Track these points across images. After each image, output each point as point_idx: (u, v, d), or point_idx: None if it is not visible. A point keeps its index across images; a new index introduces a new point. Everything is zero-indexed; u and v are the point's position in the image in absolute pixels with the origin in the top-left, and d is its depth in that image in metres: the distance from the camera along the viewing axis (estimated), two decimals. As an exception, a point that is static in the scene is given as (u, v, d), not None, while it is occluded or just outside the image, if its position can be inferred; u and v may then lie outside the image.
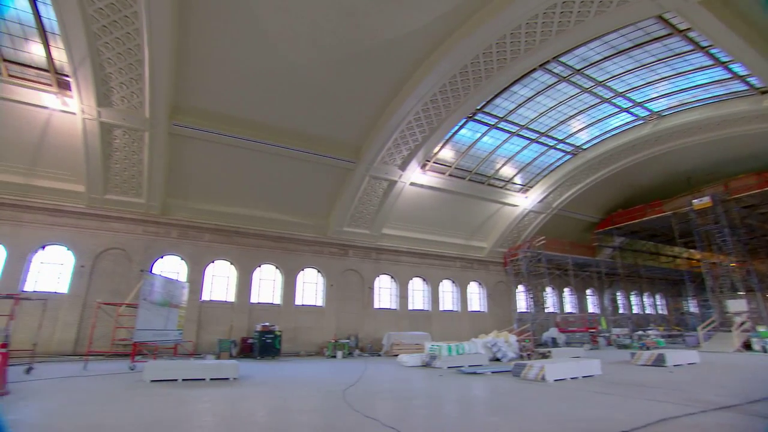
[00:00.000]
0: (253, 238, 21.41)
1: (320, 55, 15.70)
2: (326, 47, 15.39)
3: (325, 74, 16.51)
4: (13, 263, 16.91)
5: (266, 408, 8.14)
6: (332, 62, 16.01)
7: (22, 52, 14.88)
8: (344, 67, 16.25)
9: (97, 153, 16.60)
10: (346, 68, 16.33)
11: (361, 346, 22.18)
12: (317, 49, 15.43)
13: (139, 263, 18.56)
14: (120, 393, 9.21)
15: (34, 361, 12.66)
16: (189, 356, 17.07)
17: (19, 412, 7.19)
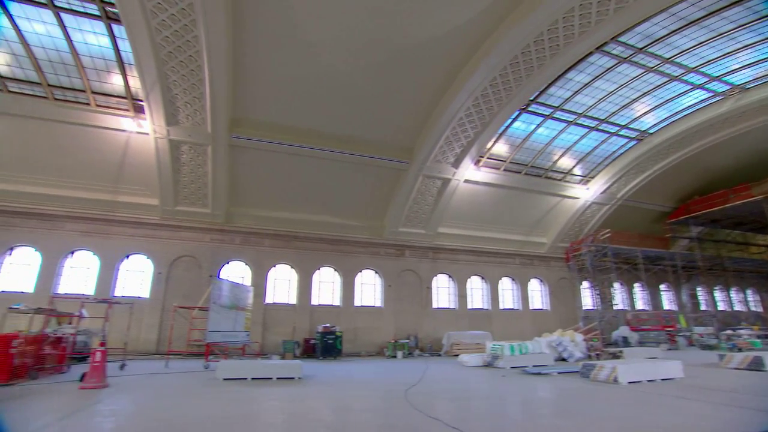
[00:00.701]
0: (310, 242, 22.15)
1: (365, 60, 15.92)
2: (370, 51, 15.58)
3: (372, 78, 16.72)
4: (105, 271, 18.89)
5: (330, 407, 8.38)
6: (378, 65, 16.17)
7: (106, 84, 16.54)
8: (390, 69, 16.35)
9: (168, 168, 18.01)
10: (392, 70, 16.42)
11: (421, 346, 22.15)
12: (361, 53, 15.66)
13: (208, 269, 19.90)
14: (198, 390, 9.92)
15: (125, 358, 14.05)
16: (256, 356, 17.98)
17: (118, 403, 8.03)
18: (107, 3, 13.63)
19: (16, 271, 18.35)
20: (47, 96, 16.43)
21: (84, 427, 6.42)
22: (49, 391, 9.28)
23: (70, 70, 15.91)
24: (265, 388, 10.29)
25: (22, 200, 18.19)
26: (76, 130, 17.26)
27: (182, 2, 12.70)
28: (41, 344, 11.69)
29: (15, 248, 18.54)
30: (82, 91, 16.50)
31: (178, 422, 6.67)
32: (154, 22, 13.17)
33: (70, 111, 16.82)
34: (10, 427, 5.51)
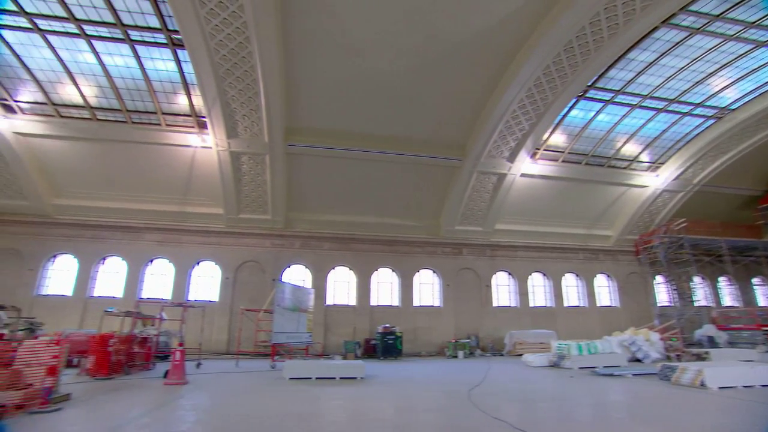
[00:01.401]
0: (368, 244, 22.48)
1: (411, 59, 15.90)
2: (416, 50, 15.53)
3: (420, 76, 16.65)
4: (179, 277, 20.49)
5: (393, 406, 8.45)
6: (425, 63, 16.08)
7: (174, 104, 17.92)
8: (438, 65, 16.20)
9: (230, 179, 19.10)
10: (440, 67, 16.27)
11: (482, 345, 21.70)
12: (407, 53, 15.66)
13: (271, 273, 20.84)
14: (266, 388, 10.43)
15: (200, 357, 15.09)
16: (319, 357, 18.56)
17: (197, 398, 8.66)
18: (172, 31, 14.77)
19: (108, 278, 20.47)
20: (126, 120, 18.10)
21: (171, 419, 6.99)
22: (140, 386, 10.20)
23: (144, 95, 17.41)
24: (329, 387, 10.59)
25: (110, 215, 20.25)
26: (150, 149, 18.87)
27: (237, 22, 13.44)
28: (131, 344, 12.91)
29: (106, 258, 20.66)
30: (153, 113, 18.00)
31: (254, 418, 7.04)
32: (212, 43, 14.06)
33: (145, 132, 18.40)
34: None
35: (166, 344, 16.26)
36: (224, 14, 13.21)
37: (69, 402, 7.84)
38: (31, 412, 6.90)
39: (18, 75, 16.77)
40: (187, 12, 12.99)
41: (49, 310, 18.62)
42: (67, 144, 18.71)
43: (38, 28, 15.02)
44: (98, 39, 15.36)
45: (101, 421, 6.80)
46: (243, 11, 13.09)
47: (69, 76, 16.60)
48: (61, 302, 19.52)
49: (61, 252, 20.40)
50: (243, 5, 12.90)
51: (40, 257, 20.01)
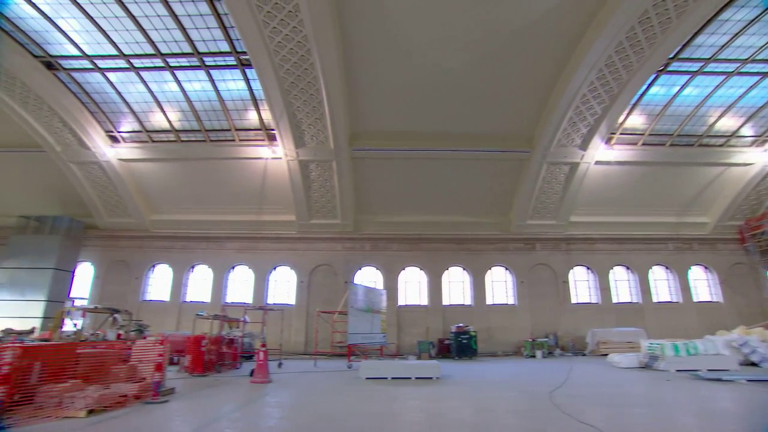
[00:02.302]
0: (437, 243, 22.30)
1: (470, 54, 15.54)
2: (474, 43, 15.15)
3: (480, 70, 16.22)
4: (258, 282, 21.89)
5: (471, 407, 8.29)
6: (485, 56, 15.64)
7: (245, 120, 19.22)
8: (498, 57, 15.67)
9: (300, 186, 19.99)
10: (500, 58, 15.73)
11: (562, 344, 20.54)
12: (465, 48, 15.32)
13: (343, 275, 21.48)
14: (345, 388, 10.73)
15: (281, 358, 15.93)
16: (393, 357, 18.73)
17: (281, 396, 9.16)
18: (240, 52, 15.87)
19: (197, 285, 22.46)
20: (205, 139, 19.72)
21: (259, 414, 7.46)
22: (230, 383, 11.02)
23: (219, 114, 18.86)
24: (405, 387, 10.65)
25: (197, 227, 22.21)
26: (227, 164, 20.37)
27: (297, 36, 14.07)
28: (220, 344, 13.99)
29: (195, 266, 22.68)
30: (228, 130, 19.42)
31: (336, 416, 7.27)
32: (277, 59, 14.85)
33: (222, 148, 19.91)
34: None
35: (250, 345, 17.38)
36: (285, 30, 13.89)
37: (173, 395, 8.69)
38: (146, 402, 7.76)
39: (120, 109, 19.05)
40: (252, 33, 13.86)
41: (152, 313, 20.81)
42: (158, 165, 20.83)
43: (133, 66, 16.96)
44: (179, 69, 16.96)
45: (201, 413, 7.44)
46: (303, 26, 13.67)
47: (158, 104, 18.50)
48: (160, 307, 21.78)
49: (158, 262, 22.77)
50: (302, 20, 13.48)
51: (143, 267, 22.49)
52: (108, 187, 21.21)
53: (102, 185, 21.19)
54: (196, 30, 15.41)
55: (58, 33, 16.01)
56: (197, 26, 15.26)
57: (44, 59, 17.07)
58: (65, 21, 15.59)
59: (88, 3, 14.77)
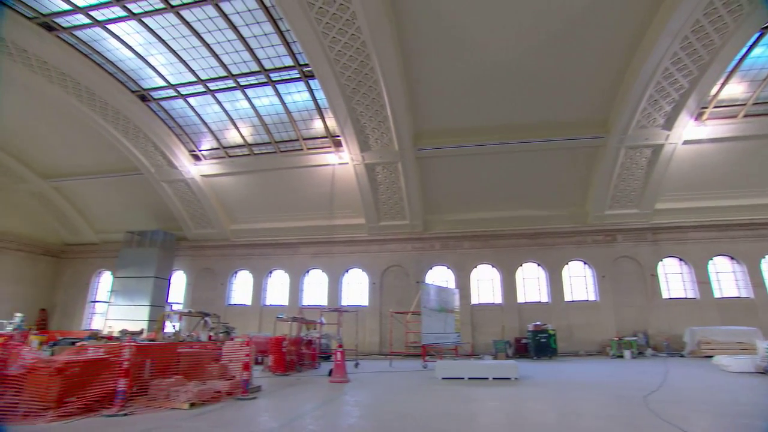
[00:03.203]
0: (509, 239, 21.55)
1: (532, 40, 14.82)
2: (536, 28, 14.43)
3: (545, 56, 15.39)
4: (332, 285, 22.70)
5: (554, 410, 7.88)
6: (549, 41, 14.81)
7: (311, 129, 20.06)
8: (563, 40, 14.76)
9: (368, 189, 20.39)
10: (566, 41, 14.80)
11: (654, 344, 18.78)
12: (527, 34, 14.65)
13: (414, 276, 21.51)
14: (422, 387, 10.73)
15: (357, 358, 16.32)
16: (468, 356, 18.40)
17: (359, 395, 9.38)
18: (303, 65, 16.61)
19: (275, 289, 23.82)
20: (276, 150, 20.86)
21: (339, 413, 7.72)
22: (310, 382, 11.51)
23: (287, 126, 19.87)
24: (482, 388, 10.41)
25: (272, 234, 23.58)
26: (297, 173, 21.36)
27: (356, 43, 14.40)
28: (299, 345, 14.68)
29: (273, 271, 24.08)
30: (296, 140, 20.37)
31: (414, 416, 7.30)
32: (338, 67, 15.31)
33: (291, 158, 20.93)
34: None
35: (327, 346, 18.02)
36: (344, 39, 14.28)
37: (260, 393, 9.27)
38: (237, 398, 8.37)
39: (200, 129, 20.84)
40: (313, 44, 14.43)
41: (236, 316, 22.41)
42: (235, 178, 22.42)
43: (209, 89, 18.48)
44: (249, 87, 18.15)
45: (286, 410, 7.87)
46: (360, 32, 13.97)
47: (231, 122, 19.95)
48: (243, 310, 23.41)
49: (240, 268, 24.50)
50: (360, 26, 13.77)
51: (226, 274, 24.34)
52: (193, 202, 23.26)
53: (188, 200, 23.29)
54: (261, 49, 16.41)
55: (149, 69, 17.95)
56: (262, 45, 16.25)
57: (139, 93, 19.19)
58: (154, 57, 17.46)
59: (171, 39, 16.40)
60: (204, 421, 6.64)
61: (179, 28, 15.94)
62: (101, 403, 7.06)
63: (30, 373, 6.84)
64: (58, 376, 6.73)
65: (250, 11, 14.90)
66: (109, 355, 7.72)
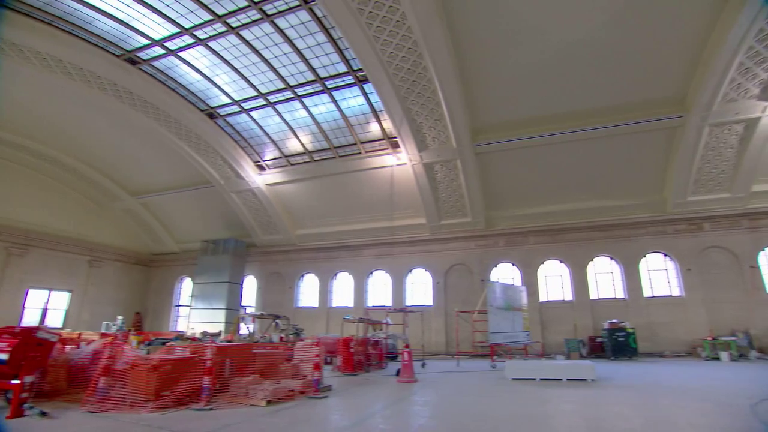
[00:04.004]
0: (578, 232, 20.39)
1: (598, 17, 13.87)
2: (598, 4, 13.49)
3: (612, 34, 14.35)
4: (396, 285, 22.87)
5: (641, 417, 7.26)
6: (616, 19, 13.79)
7: (368, 133, 20.38)
8: (632, 13, 13.67)
9: (427, 189, 20.29)
10: (635, 17, 13.70)
11: (761, 345, 16.72)
12: (591, 14, 13.75)
13: (479, 274, 21.07)
14: (490, 388, 10.46)
15: (424, 358, 16.27)
16: (539, 356, 17.63)
17: (428, 395, 9.35)
18: (357, 70, 16.91)
19: (341, 291, 24.45)
20: (334, 156, 21.45)
21: (409, 412, 7.74)
22: (378, 382, 11.66)
23: (344, 131, 20.35)
24: (556, 389, 9.92)
25: (336, 238, 24.27)
26: (357, 176, 21.78)
27: (407, 43, 14.41)
28: (366, 346, 14.93)
29: (337, 274, 24.75)
30: (353, 144, 20.79)
31: (486, 417, 7.14)
32: (391, 69, 15.41)
33: (350, 162, 21.39)
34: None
35: (393, 346, 18.15)
36: (395, 40, 14.35)
37: (331, 392, 9.55)
38: (309, 397, 8.70)
39: (263, 141, 21.98)
40: (365, 49, 14.66)
41: (304, 318, 23.31)
42: (298, 185, 23.35)
43: (269, 102, 19.44)
44: (306, 96, 18.84)
45: (356, 409, 8.04)
46: (411, 32, 13.96)
47: (291, 131, 20.82)
48: (311, 312, 24.29)
49: (306, 272, 25.47)
50: (410, 26, 13.77)
51: (294, 277, 25.41)
52: (260, 210, 24.57)
53: (255, 208, 24.64)
54: (316, 59, 16.95)
55: (215, 88, 19.26)
56: (317, 55, 16.78)
57: (207, 111, 20.67)
58: (219, 77, 18.71)
59: (233, 58, 17.48)
60: (280, 417, 6.97)
61: (240, 48, 16.93)
62: (190, 397, 7.67)
63: (132, 369, 7.61)
64: (154, 373, 7.43)
65: (303, 24, 15.47)
66: (194, 355, 8.38)
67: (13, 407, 6.54)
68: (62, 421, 6.53)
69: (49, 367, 8.21)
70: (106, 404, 7.19)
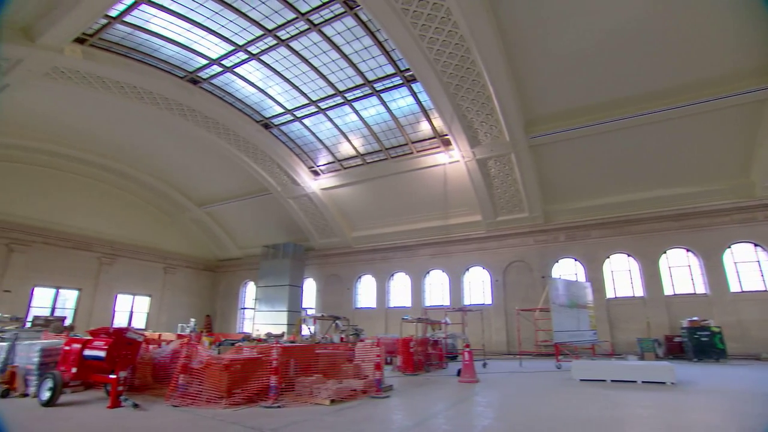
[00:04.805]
0: (647, 223, 18.93)
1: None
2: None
3: (672, 4, 13.20)
4: (453, 284, 22.66)
5: (732, 426, 6.61)
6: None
7: (419, 132, 20.36)
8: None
9: (482, 185, 19.87)
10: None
11: None
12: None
13: (539, 270, 20.28)
14: (557, 389, 10.02)
15: (485, 358, 15.92)
16: (609, 356, 16.61)
17: (491, 396, 9.15)
18: (404, 70, 16.94)
19: (398, 291, 24.58)
20: (386, 157, 21.61)
21: (472, 413, 7.61)
22: (439, 382, 11.58)
23: (395, 132, 20.45)
24: (630, 392, 9.30)
25: (391, 239, 24.47)
26: (409, 176, 21.80)
27: (454, 39, 14.21)
28: (426, 346, 14.88)
29: (394, 274, 24.90)
30: (405, 144, 20.84)
31: (554, 419, 6.86)
32: (438, 67, 15.27)
33: (402, 163, 21.46)
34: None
35: (453, 346, 17.92)
36: (442, 37, 14.20)
37: (393, 392, 9.62)
38: (371, 397, 8.82)
39: (316, 147, 22.66)
40: (412, 48, 14.64)
41: (363, 319, 23.66)
42: (352, 188, 23.78)
43: (320, 108, 20.01)
44: (355, 100, 19.15)
45: (419, 409, 8.04)
46: (457, 27, 13.75)
47: (343, 135, 21.25)
48: (369, 313, 24.60)
49: (363, 273, 25.85)
50: (456, 21, 13.57)
51: (351, 279, 25.90)
52: (316, 214, 25.32)
53: (311, 213, 25.43)
54: (363, 62, 17.18)
55: (269, 99, 20.15)
56: (364, 59, 17.01)
57: (262, 122, 21.66)
58: (271, 88, 19.55)
59: (284, 69, 18.19)
60: (344, 416, 7.13)
61: (290, 58, 17.57)
62: (258, 395, 8.07)
63: (206, 368, 8.15)
64: (226, 371, 7.90)
65: (349, 29, 15.75)
66: (261, 355, 8.80)
67: (112, 398, 7.33)
68: (151, 412, 7.14)
69: (138, 364, 9.02)
70: (185, 399, 7.75)
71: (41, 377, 7.93)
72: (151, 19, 15.84)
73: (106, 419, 6.66)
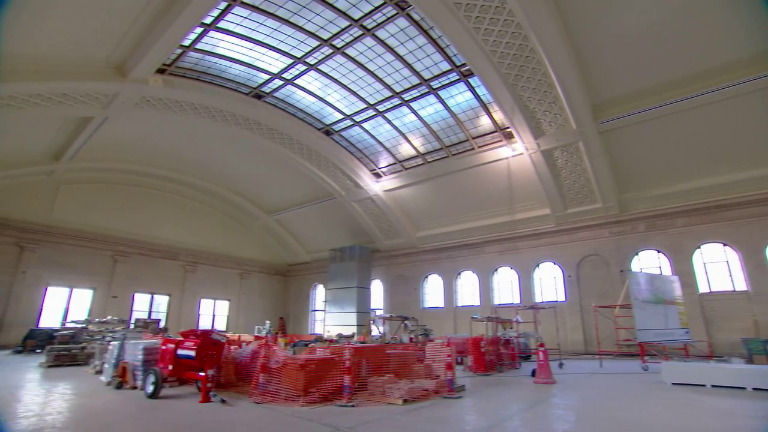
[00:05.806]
0: (745, 208, 16.83)
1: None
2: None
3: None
4: (523, 281, 21.81)
5: None
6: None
7: (479, 127, 19.94)
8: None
9: (549, 177, 18.96)
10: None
11: None
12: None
13: (617, 264, 18.89)
14: (645, 393, 9.25)
15: (561, 357, 15.15)
16: (707, 358, 15.00)
17: (570, 398, 8.70)
18: (460, 65, 16.66)
19: (465, 289, 24.16)
20: (447, 155, 21.38)
21: (550, 416, 7.28)
22: (513, 383, 11.20)
23: (455, 129, 20.17)
24: (737, 399, 8.32)
25: (456, 237, 24.20)
26: (472, 173, 21.38)
27: (510, 28, 13.71)
28: (497, 345, 14.47)
29: (461, 273, 24.53)
30: (465, 140, 20.47)
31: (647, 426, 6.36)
32: (496, 58, 14.82)
33: (463, 159, 21.09)
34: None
35: (526, 345, 17.25)
36: (498, 27, 13.77)
37: (465, 392, 9.47)
38: (444, 397, 8.75)
39: (376, 149, 23.00)
40: (467, 42, 14.34)
41: (431, 318, 23.54)
42: (414, 188, 23.80)
43: (379, 111, 20.26)
44: (413, 100, 19.16)
45: (493, 410, 7.83)
46: (513, 15, 13.27)
47: (403, 136, 21.35)
48: (437, 312, 24.42)
49: (429, 273, 25.74)
50: (511, 10, 13.08)
51: (418, 279, 25.88)
52: (380, 216, 25.66)
53: (375, 215, 25.80)
54: (419, 62, 17.14)
55: (328, 107, 20.79)
56: (419, 58, 16.96)
57: (324, 129, 22.40)
58: (330, 96, 20.15)
59: (341, 76, 18.67)
60: (417, 416, 7.14)
61: (346, 65, 18.00)
62: (333, 394, 8.34)
63: (284, 368, 8.58)
64: (302, 371, 8.26)
65: (402, 30, 15.79)
66: (333, 355, 9.09)
67: (203, 394, 8.01)
68: (237, 408, 7.66)
69: (222, 363, 9.72)
70: (266, 396, 8.22)
71: (145, 373, 8.92)
72: (218, 43, 17.03)
73: (200, 413, 7.25)
